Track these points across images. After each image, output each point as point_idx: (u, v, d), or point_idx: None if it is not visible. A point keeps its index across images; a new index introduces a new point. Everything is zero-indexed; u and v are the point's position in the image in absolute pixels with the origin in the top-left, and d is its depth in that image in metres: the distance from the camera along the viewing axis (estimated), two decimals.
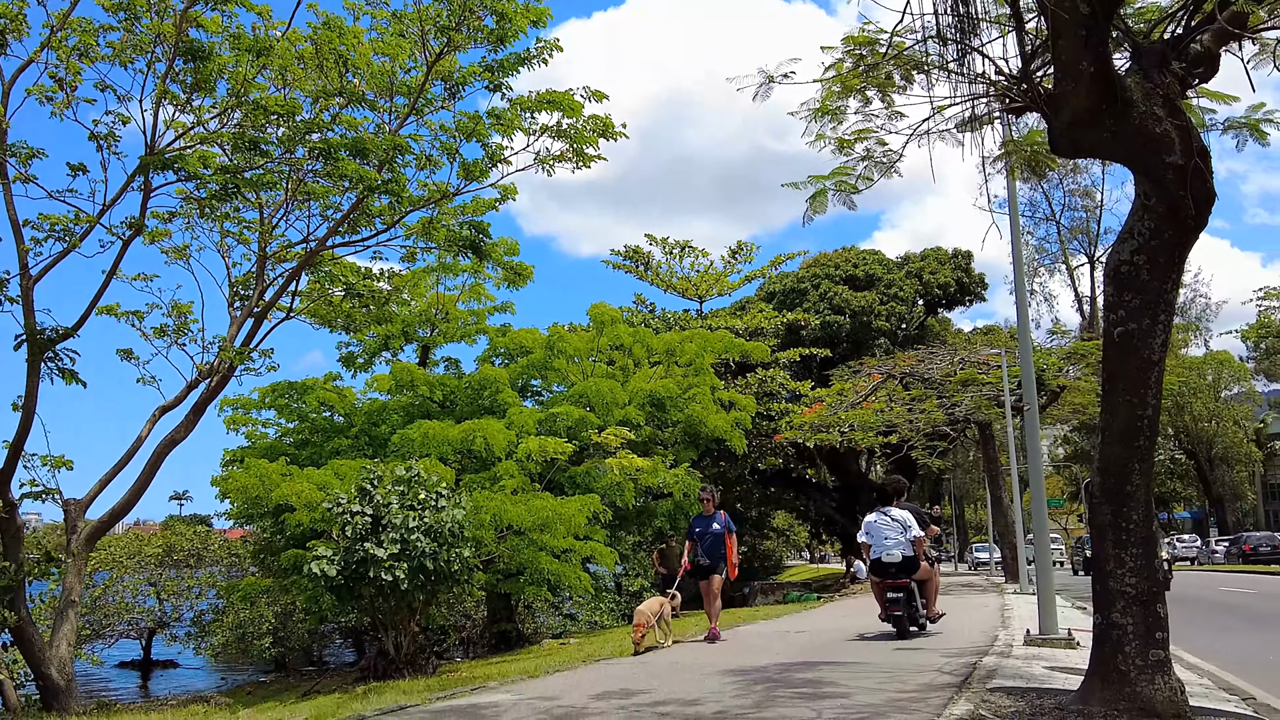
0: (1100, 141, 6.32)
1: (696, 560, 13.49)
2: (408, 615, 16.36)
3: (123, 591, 26.70)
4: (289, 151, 11.35)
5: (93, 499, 11.97)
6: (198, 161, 10.61)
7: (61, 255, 10.63)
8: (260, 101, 10.65)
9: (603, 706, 7.75)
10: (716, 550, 13.32)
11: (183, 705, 11.05)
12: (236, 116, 10.92)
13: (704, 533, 13.48)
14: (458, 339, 23.59)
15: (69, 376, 10.51)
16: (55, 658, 10.93)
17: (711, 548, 13.34)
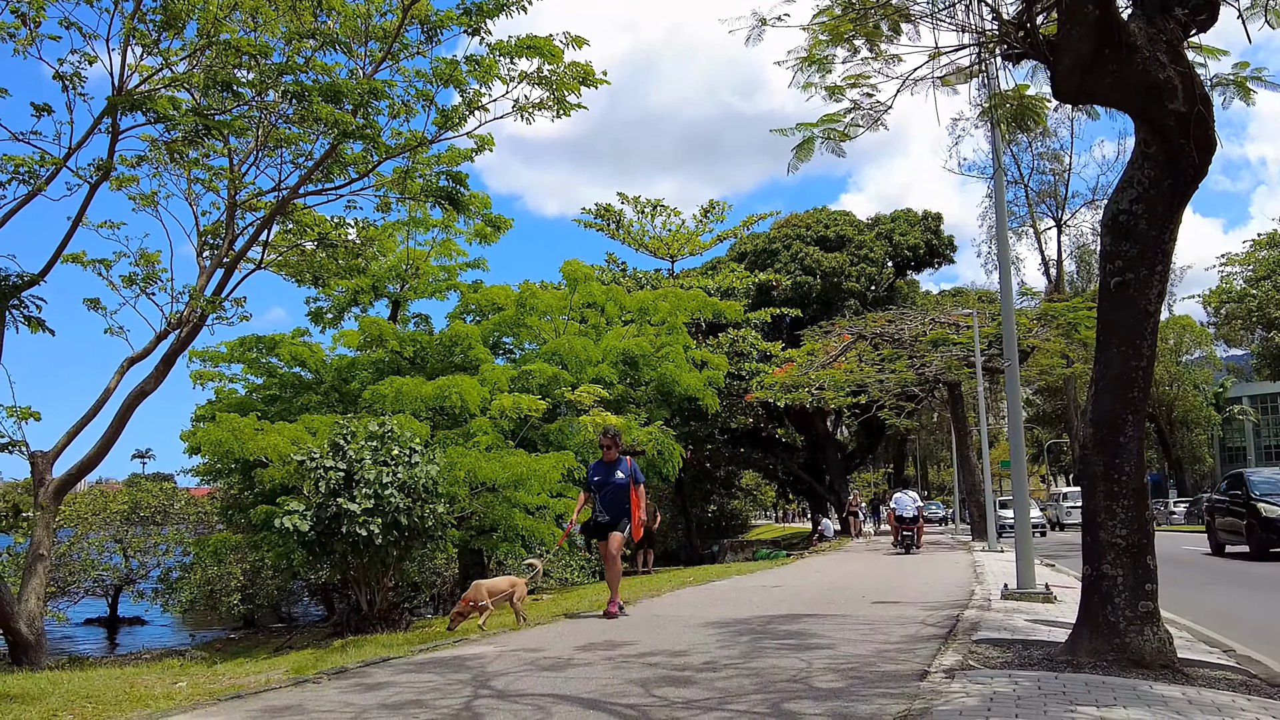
0: (1102, 87, 6.23)
1: (594, 516, 11.50)
2: (381, 571, 16.27)
3: (88, 548, 26.37)
4: (260, 94, 11.04)
5: (60, 451, 11.71)
6: (167, 104, 10.28)
7: (27, 198, 10.28)
8: (232, 42, 10.31)
9: (589, 657, 7.71)
10: (619, 504, 11.29)
11: (157, 659, 10.89)
12: (205, 58, 10.57)
13: (603, 483, 11.39)
14: (429, 295, 23.30)
15: (35, 325, 10.21)
16: (24, 612, 10.73)
17: (612, 501, 11.30)
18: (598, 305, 23.89)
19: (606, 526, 11.30)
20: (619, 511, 11.23)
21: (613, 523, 11.22)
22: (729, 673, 6.67)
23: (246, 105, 11.25)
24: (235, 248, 12.99)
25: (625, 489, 11.23)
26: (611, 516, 11.24)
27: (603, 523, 11.32)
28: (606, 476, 11.37)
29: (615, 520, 11.21)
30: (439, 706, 5.87)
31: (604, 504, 11.30)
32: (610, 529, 11.25)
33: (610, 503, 11.27)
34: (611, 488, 11.29)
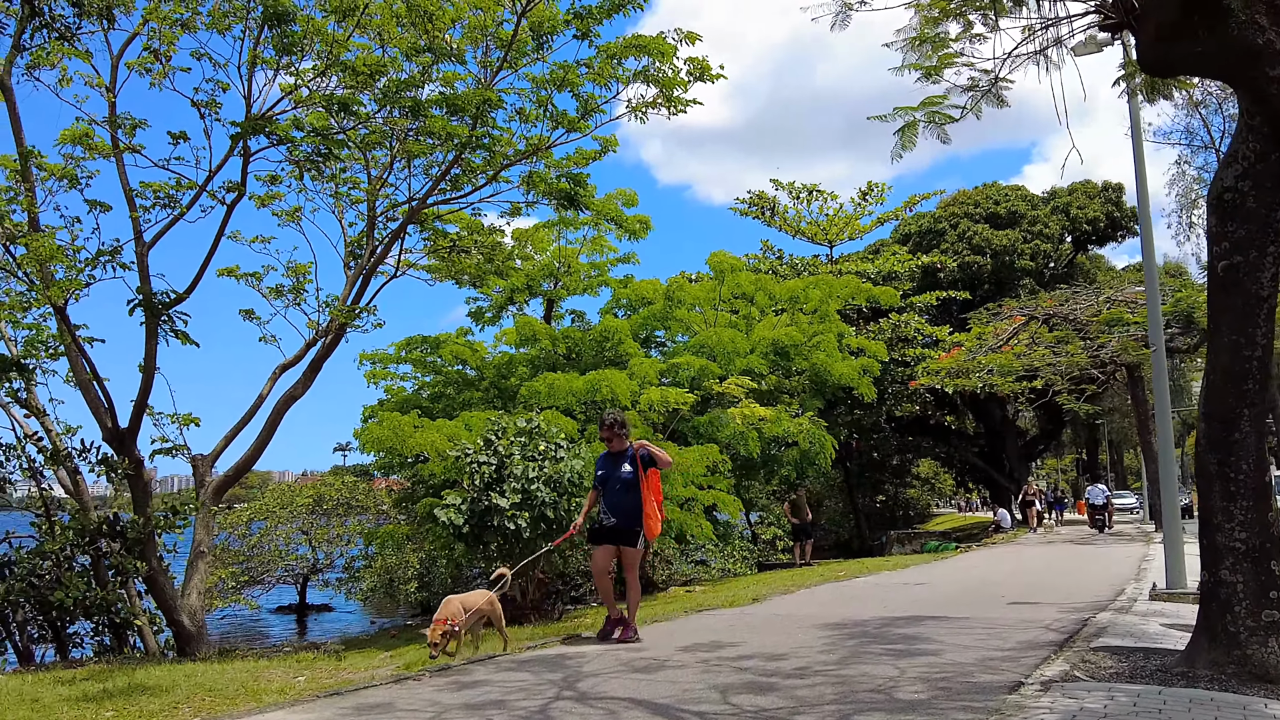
0: (1191, 55, 5.76)
1: (598, 519, 9.49)
2: (532, 563, 16.74)
3: (276, 539, 28.18)
4: (386, 110, 11.50)
5: (218, 454, 12.58)
6: (289, 125, 10.87)
7: (172, 222, 11.10)
8: (348, 63, 10.81)
9: (685, 659, 7.74)
10: (625, 503, 9.17)
11: (295, 652, 11.57)
12: (326, 78, 11.12)
13: (607, 478, 9.41)
14: (581, 291, 23.74)
15: (183, 338, 11.03)
16: (186, 606, 11.57)
17: (618, 500, 9.22)
18: (747, 295, 23.76)
19: (612, 532, 9.28)
20: (626, 512, 9.19)
21: (620, 527, 9.21)
22: (815, 680, 6.56)
23: (365, 122, 11.74)
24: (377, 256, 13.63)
25: (634, 484, 9.18)
26: (618, 519, 9.22)
27: (608, 526, 9.30)
28: (612, 470, 9.39)
29: (623, 523, 9.20)
30: (517, 708, 6.02)
31: (608, 504, 9.35)
32: (616, 535, 9.24)
33: (616, 502, 9.27)
34: (617, 483, 9.28)
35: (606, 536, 9.43)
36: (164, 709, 6.67)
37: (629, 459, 9.42)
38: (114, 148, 10.86)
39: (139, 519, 11.35)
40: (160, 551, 12.10)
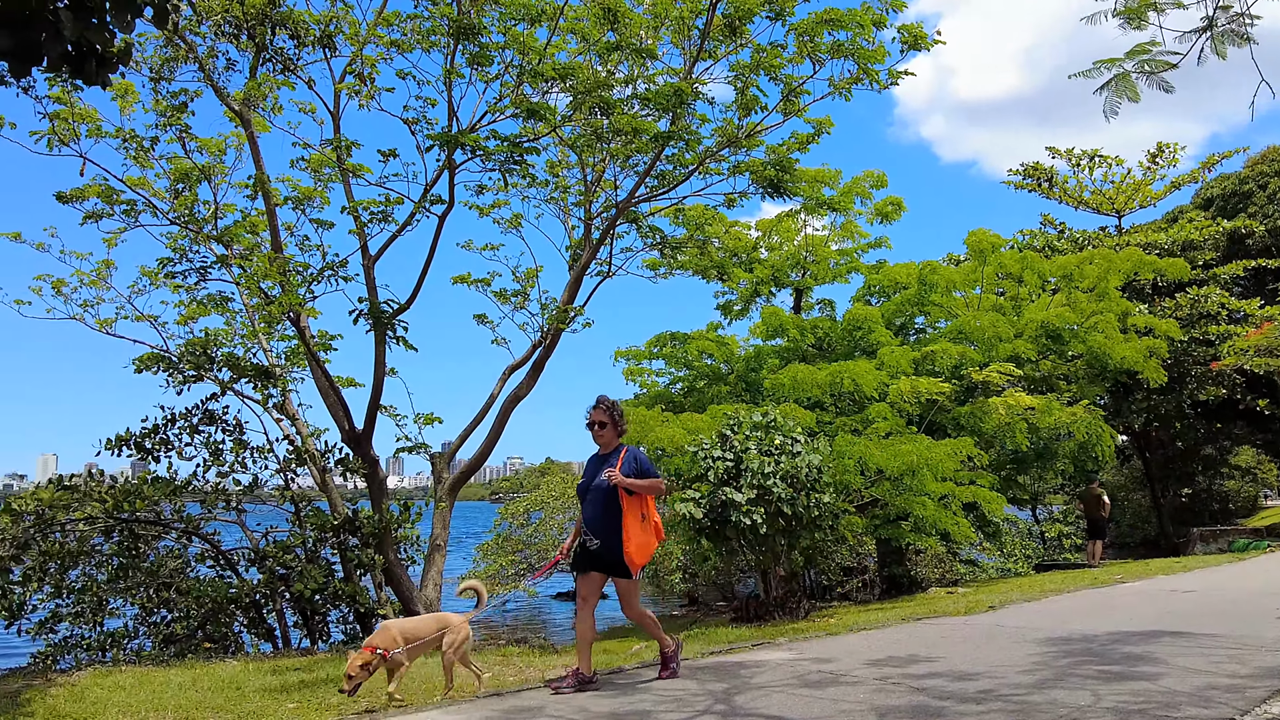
0: None
1: (583, 542, 7.64)
2: (771, 559, 16.48)
3: (550, 529, 29.42)
4: (576, 111, 11.59)
5: (454, 451, 13.24)
6: (482, 136, 11.19)
7: (394, 235, 11.79)
8: (537, 69, 10.97)
9: (865, 674, 7.23)
10: (604, 519, 7.35)
11: (505, 645, 11.92)
12: (518, 85, 11.35)
13: (586, 487, 7.74)
14: (830, 280, 23.05)
15: (405, 344, 11.71)
16: (423, 597, 12.23)
17: (596, 516, 7.43)
18: (1013, 275, 22.18)
19: (595, 558, 7.45)
20: (608, 533, 7.32)
21: (602, 552, 7.37)
22: (991, 706, 5.91)
23: (557, 127, 11.87)
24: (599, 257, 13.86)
25: (611, 496, 7.33)
26: (601, 540, 7.36)
27: (591, 550, 7.46)
28: (592, 478, 7.57)
29: (606, 548, 7.34)
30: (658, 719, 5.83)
31: (587, 521, 7.58)
32: (601, 561, 7.42)
33: (593, 518, 7.45)
34: (595, 495, 7.45)
35: (590, 562, 7.49)
36: (345, 701, 7.03)
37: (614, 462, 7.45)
38: (339, 168, 11.65)
39: (374, 515, 12.15)
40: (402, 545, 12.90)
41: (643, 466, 7.47)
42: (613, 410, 7.67)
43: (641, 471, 7.42)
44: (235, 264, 11.66)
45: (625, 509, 7.28)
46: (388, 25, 10.97)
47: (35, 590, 10.83)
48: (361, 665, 6.69)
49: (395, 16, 10.96)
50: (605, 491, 7.35)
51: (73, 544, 11.71)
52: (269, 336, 13.33)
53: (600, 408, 7.66)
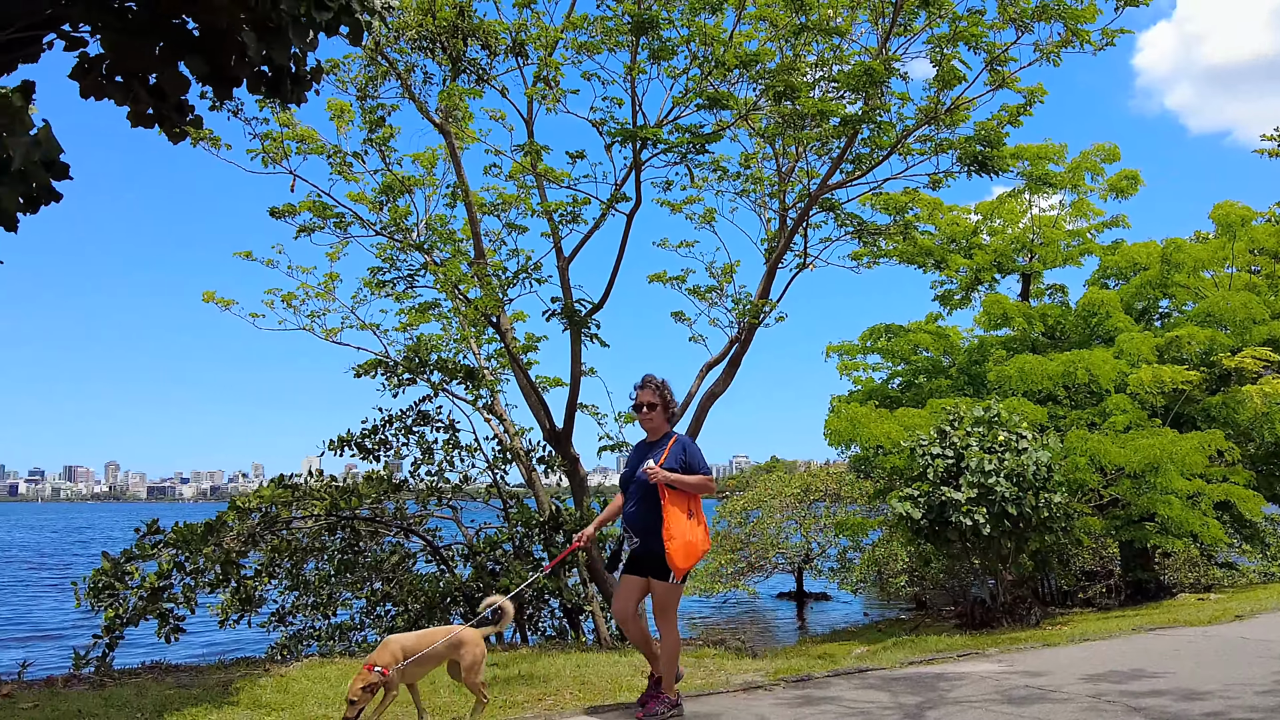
0: None
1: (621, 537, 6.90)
2: (996, 563, 15.58)
3: (768, 527, 29.13)
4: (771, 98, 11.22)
5: None
6: (658, 130, 10.99)
7: (588, 235, 11.84)
8: (720, 59, 10.67)
9: (1078, 691, 6.57)
10: (645, 518, 6.50)
11: (703, 647, 11.66)
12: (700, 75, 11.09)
13: (628, 479, 6.78)
14: (1060, 263, 21.50)
15: (600, 340, 11.75)
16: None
17: (635, 513, 6.61)
18: (1268, 251, 20.00)
19: (634, 560, 6.60)
20: (647, 530, 6.47)
21: (642, 553, 6.51)
22: None
23: (744, 115, 11.53)
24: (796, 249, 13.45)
25: (651, 491, 6.46)
26: (640, 539, 6.52)
27: (632, 551, 6.62)
28: (636, 468, 6.68)
29: (645, 547, 6.48)
30: None
31: (626, 517, 6.69)
32: (640, 564, 6.54)
33: (632, 514, 6.61)
34: (636, 489, 6.61)
35: (630, 564, 6.65)
36: (527, 699, 7.04)
37: (658, 451, 6.59)
38: (534, 173, 11.83)
39: (575, 512, 12.28)
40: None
41: (692, 459, 6.55)
42: (663, 390, 6.77)
43: (690, 465, 6.51)
44: (433, 271, 12.07)
45: (667, 503, 6.32)
46: (574, 28, 11.04)
47: (266, 583, 11.58)
48: (363, 687, 6.01)
49: (583, 20, 11.00)
50: (647, 484, 6.45)
51: (304, 540, 12.48)
52: (477, 340, 13.73)
53: (649, 387, 6.73)
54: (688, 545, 6.27)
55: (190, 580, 10.98)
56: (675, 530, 6.24)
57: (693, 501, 6.47)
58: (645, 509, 6.45)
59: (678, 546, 6.21)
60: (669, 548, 6.20)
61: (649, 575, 6.46)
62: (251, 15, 7.10)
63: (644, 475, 6.40)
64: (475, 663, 6.34)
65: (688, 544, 6.27)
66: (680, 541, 6.22)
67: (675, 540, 6.21)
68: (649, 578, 6.47)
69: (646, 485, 6.43)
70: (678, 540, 6.22)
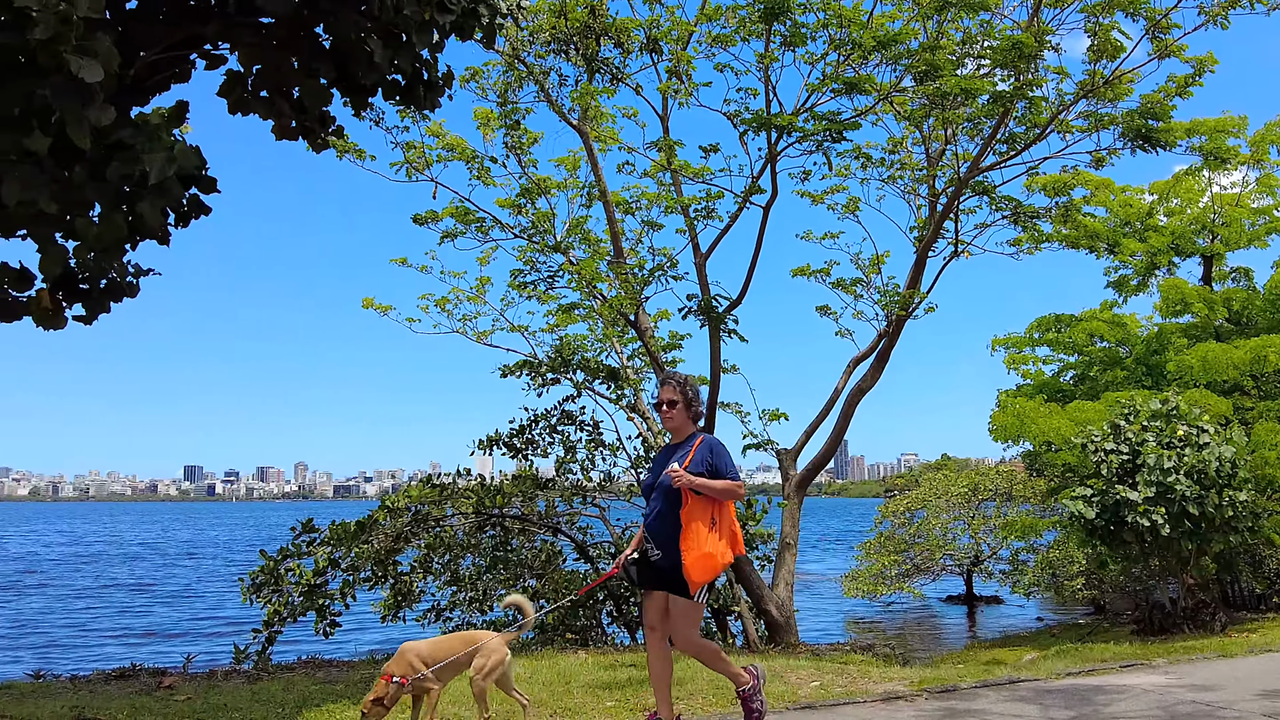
0: None
1: (643, 551, 6.07)
2: (1176, 565, 14.58)
3: (933, 528, 28.15)
4: (913, 79, 10.73)
5: (800, 448, 12.84)
6: (793, 117, 10.63)
7: (725, 229, 11.63)
8: (856, 41, 10.25)
9: (1251, 709, 6.01)
10: (670, 525, 5.89)
11: (855, 651, 11.25)
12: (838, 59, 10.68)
13: (651, 485, 6.19)
14: (1245, 244, 19.88)
15: (739, 336, 11.50)
16: (774, 597, 11.95)
17: (658, 519, 5.97)
18: None
19: (656, 572, 5.98)
20: (668, 539, 5.89)
21: (664, 565, 5.92)
22: None
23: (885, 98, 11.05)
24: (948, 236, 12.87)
25: (674, 498, 5.89)
26: (662, 549, 5.93)
27: (653, 563, 5.98)
28: (659, 472, 6.10)
29: (667, 560, 5.89)
30: None
31: (648, 524, 6.07)
32: (661, 577, 5.95)
33: (655, 522, 6.00)
34: (659, 494, 6.03)
35: (651, 577, 6.02)
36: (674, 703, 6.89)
37: (683, 453, 6.00)
38: (668, 169, 11.71)
39: None
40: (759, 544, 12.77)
41: (719, 462, 5.94)
42: (684, 387, 6.16)
43: (716, 469, 5.90)
44: (570, 271, 12.12)
45: (688, 510, 5.77)
46: (708, 20, 10.88)
47: (422, 579, 11.88)
48: (373, 699, 5.79)
49: (717, 11, 10.83)
50: (670, 489, 5.88)
51: (460, 537, 12.77)
52: (619, 340, 13.74)
53: (669, 384, 6.16)
54: (705, 559, 5.70)
55: (349, 576, 11.37)
56: (692, 541, 5.73)
57: (717, 509, 5.89)
58: (667, 516, 5.88)
59: (694, 560, 5.70)
60: (685, 560, 5.71)
61: (670, 590, 5.89)
62: (376, 23, 7.26)
63: (668, 479, 5.84)
64: (485, 668, 6.03)
65: (705, 557, 5.70)
66: (697, 554, 5.70)
67: (691, 553, 5.71)
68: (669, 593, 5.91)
69: (669, 490, 5.87)
70: (694, 553, 5.71)
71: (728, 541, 5.85)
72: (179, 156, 5.91)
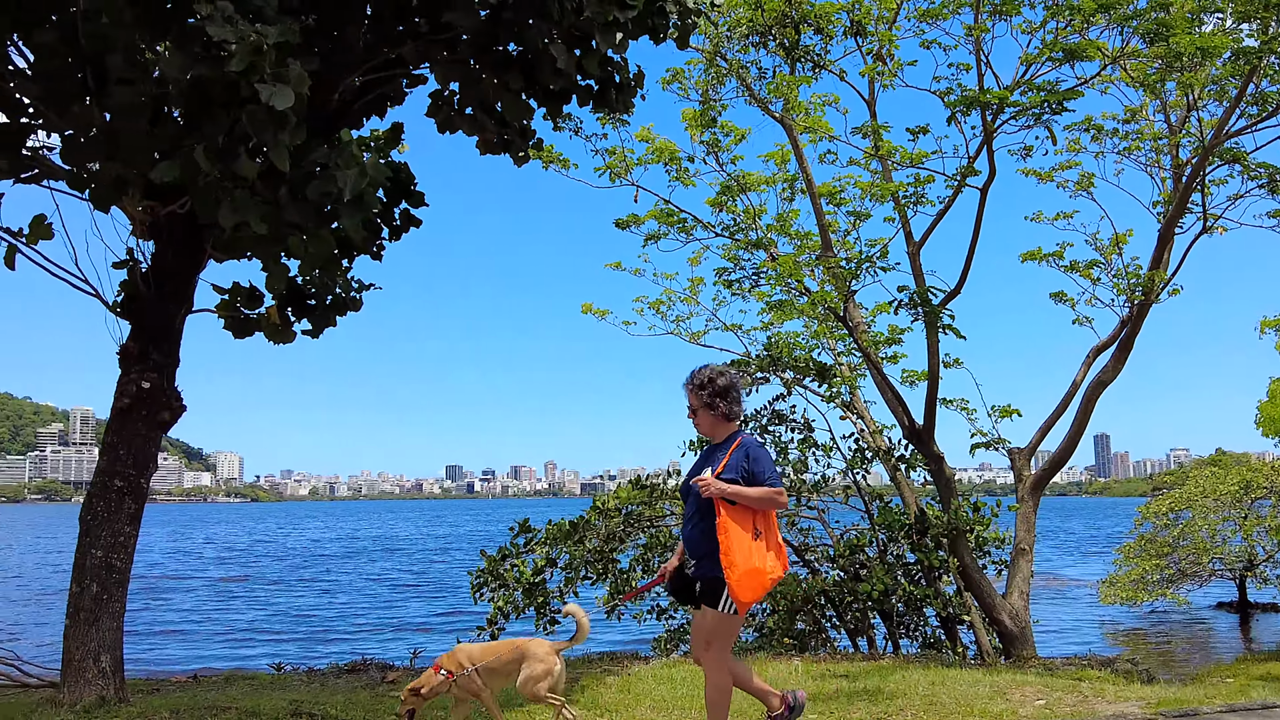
0: None
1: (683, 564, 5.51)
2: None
3: (1200, 529, 25.81)
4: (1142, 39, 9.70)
5: (1034, 447, 11.97)
6: (1006, 92, 9.79)
7: (941, 214, 10.94)
8: (1074, 5, 9.35)
9: None
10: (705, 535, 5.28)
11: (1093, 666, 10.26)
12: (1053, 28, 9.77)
13: (686, 492, 5.55)
14: None
15: (955, 332, 10.76)
16: (1006, 605, 11.20)
17: (697, 530, 5.35)
18: None
19: (690, 585, 5.45)
20: (703, 550, 5.30)
21: (700, 575, 5.34)
22: None
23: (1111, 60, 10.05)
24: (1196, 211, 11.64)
25: (706, 507, 5.29)
26: (697, 563, 5.35)
27: (689, 575, 5.43)
28: (696, 475, 5.44)
29: (700, 571, 5.33)
30: None
31: (684, 536, 5.56)
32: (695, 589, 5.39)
33: (690, 530, 5.46)
34: (692, 504, 5.45)
35: (686, 591, 5.54)
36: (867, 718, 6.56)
37: (717, 458, 5.42)
38: (875, 155, 11.20)
39: (943, 514, 11.44)
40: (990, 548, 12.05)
41: (756, 466, 5.27)
42: (701, 389, 5.50)
43: (753, 474, 5.25)
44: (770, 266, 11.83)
45: (724, 521, 5.13)
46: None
47: (640, 578, 11.95)
48: (411, 690, 5.74)
49: None
50: (697, 499, 5.32)
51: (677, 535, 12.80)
52: (831, 336, 13.31)
53: (689, 386, 5.56)
54: (752, 574, 5.05)
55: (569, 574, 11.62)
56: (738, 556, 5.05)
57: (760, 519, 5.22)
58: (702, 528, 5.30)
59: (740, 577, 5.03)
60: (729, 577, 5.05)
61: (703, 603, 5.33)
62: (559, 28, 7.32)
63: (699, 486, 5.26)
64: (532, 676, 5.75)
65: (752, 573, 5.05)
66: (743, 570, 5.04)
67: (737, 569, 5.04)
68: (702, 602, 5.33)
69: (701, 499, 5.28)
70: (740, 569, 5.04)
71: (776, 555, 5.23)
72: (371, 171, 6.16)
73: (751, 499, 5.17)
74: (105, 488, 7.03)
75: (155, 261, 7.64)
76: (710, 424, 5.51)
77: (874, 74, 10.97)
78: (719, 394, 5.45)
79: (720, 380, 5.49)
